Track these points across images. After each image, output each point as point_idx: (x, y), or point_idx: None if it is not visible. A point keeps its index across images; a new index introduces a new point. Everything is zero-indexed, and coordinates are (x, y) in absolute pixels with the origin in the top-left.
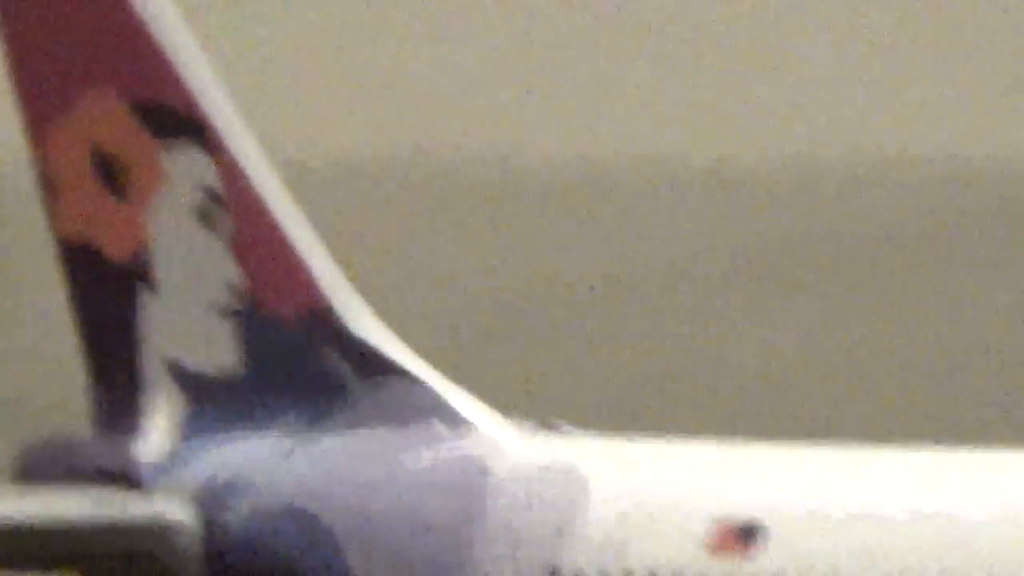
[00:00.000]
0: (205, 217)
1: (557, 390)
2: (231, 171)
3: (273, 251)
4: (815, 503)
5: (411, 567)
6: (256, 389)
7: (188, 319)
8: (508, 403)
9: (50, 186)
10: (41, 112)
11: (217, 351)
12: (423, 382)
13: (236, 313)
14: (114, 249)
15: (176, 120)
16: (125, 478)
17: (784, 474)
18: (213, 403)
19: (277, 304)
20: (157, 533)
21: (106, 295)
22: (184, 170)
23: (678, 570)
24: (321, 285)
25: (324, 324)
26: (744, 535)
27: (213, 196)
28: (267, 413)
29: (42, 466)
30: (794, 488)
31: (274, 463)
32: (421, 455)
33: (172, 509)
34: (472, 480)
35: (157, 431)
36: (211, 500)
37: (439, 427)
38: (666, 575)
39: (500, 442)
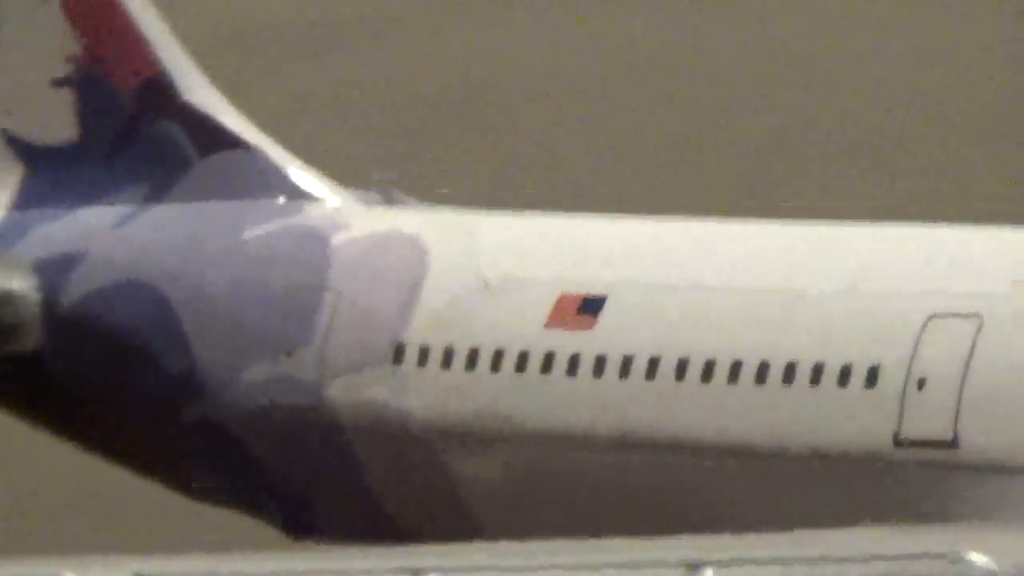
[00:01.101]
0: None
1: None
2: None
3: (110, 21)
4: (661, 277)
5: (250, 338)
6: (93, 160)
7: (24, 88)
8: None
9: None
10: None
11: (53, 121)
12: (263, 155)
13: (72, 82)
14: None
15: None
16: None
17: (629, 248)
18: (50, 174)
19: (114, 74)
20: None
21: None
22: None
23: (524, 346)
24: (159, 56)
25: (162, 94)
26: (587, 309)
27: None
28: (105, 185)
29: None
30: (638, 262)
31: (112, 234)
32: (261, 227)
33: (9, 278)
34: (313, 252)
35: None
36: (48, 270)
37: (279, 199)
38: (512, 351)
39: (341, 214)
